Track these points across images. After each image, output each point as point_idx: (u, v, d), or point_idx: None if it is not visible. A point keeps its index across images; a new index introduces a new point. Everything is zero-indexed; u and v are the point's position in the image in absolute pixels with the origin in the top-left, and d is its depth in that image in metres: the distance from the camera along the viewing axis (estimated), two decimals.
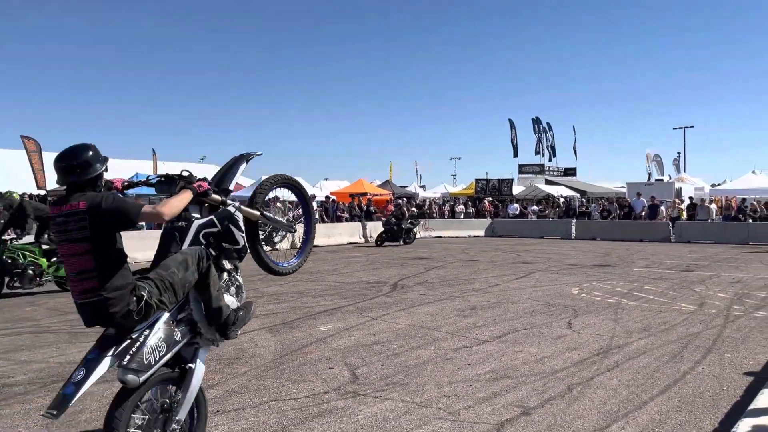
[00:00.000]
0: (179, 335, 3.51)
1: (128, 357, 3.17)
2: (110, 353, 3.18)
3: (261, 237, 4.44)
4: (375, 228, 25.49)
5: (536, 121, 49.15)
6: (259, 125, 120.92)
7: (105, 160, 3.33)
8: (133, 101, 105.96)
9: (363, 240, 24.47)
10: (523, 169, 47.79)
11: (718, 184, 37.68)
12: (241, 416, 4.67)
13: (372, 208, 28.20)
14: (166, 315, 3.43)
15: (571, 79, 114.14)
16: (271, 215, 4.61)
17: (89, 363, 3.16)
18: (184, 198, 3.51)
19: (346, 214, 26.59)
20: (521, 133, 50.16)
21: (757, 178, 31.18)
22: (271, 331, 7.74)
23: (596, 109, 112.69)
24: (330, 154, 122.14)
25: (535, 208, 31.33)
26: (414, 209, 24.36)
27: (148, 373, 3.25)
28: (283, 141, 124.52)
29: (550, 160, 48.86)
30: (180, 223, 3.77)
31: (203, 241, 3.74)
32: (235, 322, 3.81)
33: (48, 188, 27.94)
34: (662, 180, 38.68)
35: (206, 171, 38.46)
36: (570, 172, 48.89)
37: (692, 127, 54.00)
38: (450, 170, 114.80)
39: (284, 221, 4.73)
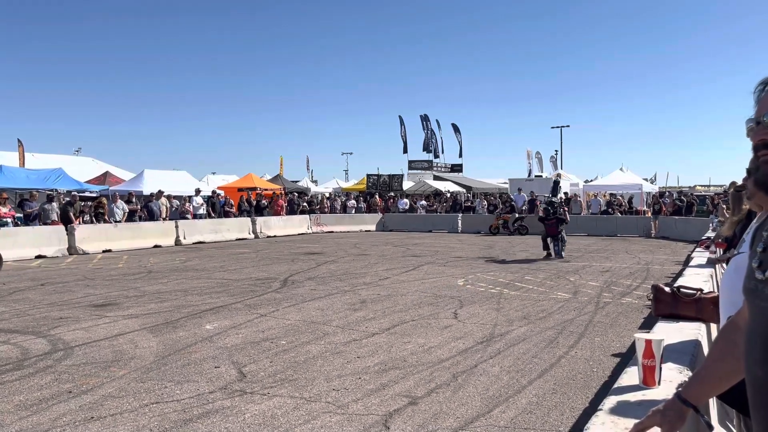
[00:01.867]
0: (565, 234, 16.03)
1: (562, 238, 15.62)
2: (556, 239, 15.59)
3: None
4: (266, 224, 25.05)
5: (424, 118, 50.30)
6: (140, 116, 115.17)
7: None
8: None
9: (252, 236, 23.97)
10: (412, 165, 48.76)
11: (591, 180, 40.42)
12: (118, 421, 4.41)
13: (263, 202, 27.68)
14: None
15: (457, 79, 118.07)
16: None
17: (554, 240, 15.57)
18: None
19: (234, 210, 25.89)
20: (410, 130, 51.17)
21: (625, 175, 33.78)
22: (152, 331, 7.38)
23: (481, 108, 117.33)
24: (217, 147, 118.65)
25: (423, 203, 32.08)
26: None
27: (564, 235, 15.77)
28: (166, 133, 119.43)
29: (437, 156, 50.18)
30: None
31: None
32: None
33: None
34: (541, 176, 40.91)
35: (82, 163, 36.11)
36: (456, 168, 50.50)
37: (568, 126, 57.68)
38: (342, 165, 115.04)
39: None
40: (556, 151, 57.63)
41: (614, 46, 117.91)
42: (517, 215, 25.33)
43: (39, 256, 16.50)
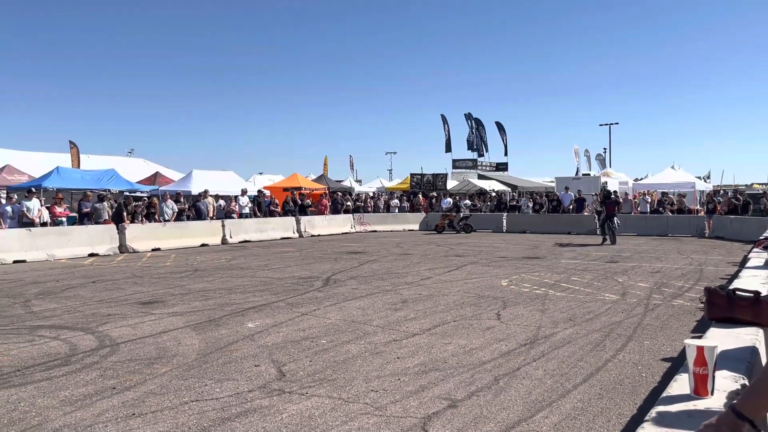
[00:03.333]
0: (618, 222, 20.00)
1: (616, 221, 19.75)
2: (612, 219, 19.35)
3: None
4: (310, 223, 25.25)
5: (468, 117, 49.88)
6: (190, 118, 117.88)
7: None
8: (48, 90, 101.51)
9: (297, 235, 24.18)
10: (456, 164, 48.42)
11: (641, 179, 39.34)
12: (158, 418, 4.45)
13: (306, 201, 27.88)
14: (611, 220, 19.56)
15: (502, 76, 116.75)
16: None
17: (611, 221, 19.32)
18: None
19: (279, 209, 26.17)
20: (454, 129, 50.84)
21: (676, 173, 32.77)
22: (195, 328, 7.47)
23: (527, 106, 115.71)
24: (264, 148, 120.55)
25: (468, 202, 31.79)
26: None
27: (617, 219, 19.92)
28: (215, 135, 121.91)
29: (482, 155, 49.68)
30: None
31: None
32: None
33: None
34: (589, 174, 40.04)
35: (134, 164, 37.14)
36: (501, 166, 49.90)
37: (617, 123, 56.41)
38: (386, 165, 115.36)
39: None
40: (604, 149, 56.43)
41: (664, 40, 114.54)
42: (462, 215, 26.28)
43: (92, 254, 17.01)
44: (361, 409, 4.62)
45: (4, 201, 21.84)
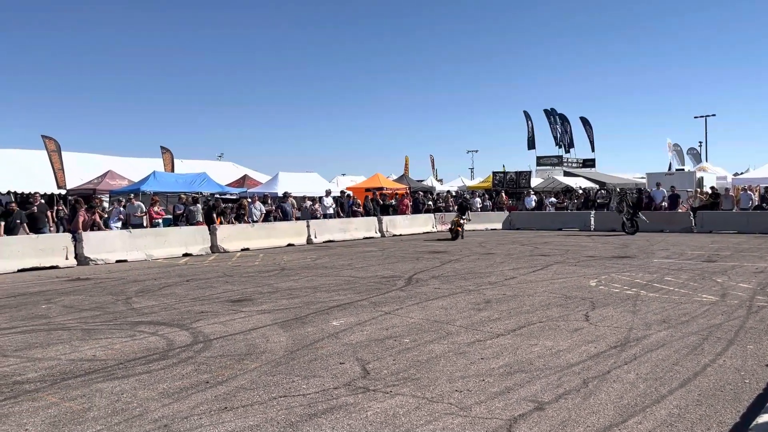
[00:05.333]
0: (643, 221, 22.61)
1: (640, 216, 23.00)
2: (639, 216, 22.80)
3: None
4: (392, 223, 25.39)
5: (551, 113, 48.57)
6: (276, 122, 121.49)
7: None
8: (144, 99, 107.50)
9: (379, 235, 24.38)
10: (541, 161, 47.31)
11: (741, 173, 36.97)
12: (249, 412, 4.60)
13: (389, 201, 28.07)
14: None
15: (589, 70, 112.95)
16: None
17: (637, 217, 22.58)
18: None
19: (361, 209, 26.52)
20: (538, 125, 49.67)
21: None
22: (283, 326, 7.68)
23: (616, 100, 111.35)
24: (347, 149, 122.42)
25: (553, 200, 30.98)
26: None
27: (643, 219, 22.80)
28: (300, 138, 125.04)
29: (567, 151, 48.27)
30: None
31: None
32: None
33: (68, 187, 28.24)
34: (683, 170, 38.05)
35: (224, 167, 38.69)
36: (589, 163, 48.31)
37: (714, 115, 53.28)
38: (467, 163, 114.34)
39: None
40: (699, 142, 53.57)
41: (761, 25, 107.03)
42: (466, 217, 23.31)
43: (186, 254, 17.85)
44: (446, 409, 4.59)
45: (107, 204, 23.34)
